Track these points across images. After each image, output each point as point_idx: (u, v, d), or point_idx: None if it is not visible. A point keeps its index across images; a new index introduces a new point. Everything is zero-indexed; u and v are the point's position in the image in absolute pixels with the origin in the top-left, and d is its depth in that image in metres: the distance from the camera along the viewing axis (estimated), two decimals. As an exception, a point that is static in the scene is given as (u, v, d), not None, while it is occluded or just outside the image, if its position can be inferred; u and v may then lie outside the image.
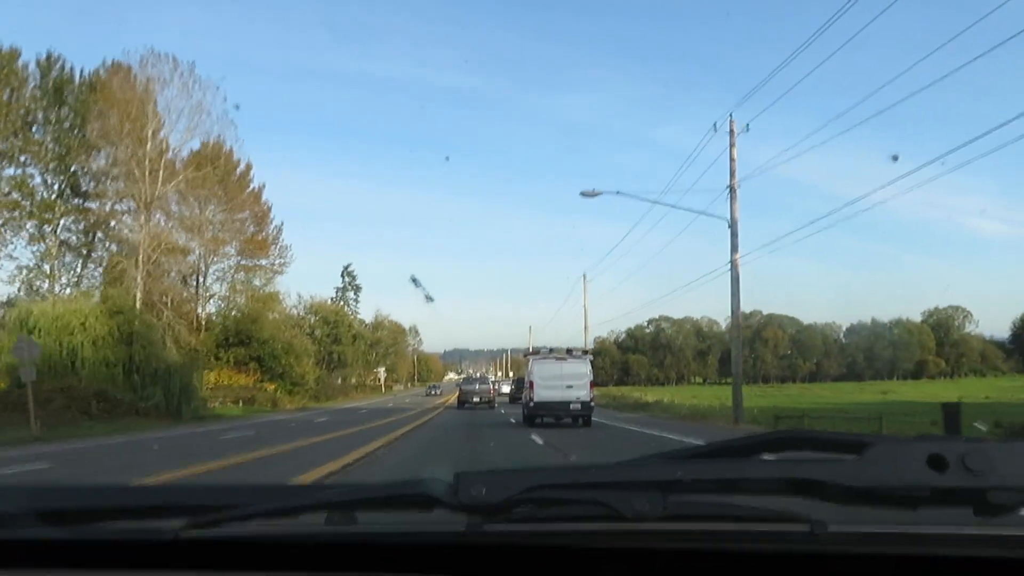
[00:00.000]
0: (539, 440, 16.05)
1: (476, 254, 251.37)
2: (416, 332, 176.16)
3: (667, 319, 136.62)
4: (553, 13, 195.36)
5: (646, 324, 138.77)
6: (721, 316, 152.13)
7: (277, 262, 66.87)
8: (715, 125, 23.62)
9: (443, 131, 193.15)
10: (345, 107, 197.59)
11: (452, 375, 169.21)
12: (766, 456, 1.08)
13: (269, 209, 67.64)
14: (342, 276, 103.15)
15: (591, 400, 21.36)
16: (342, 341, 74.08)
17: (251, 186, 65.49)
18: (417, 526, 1.15)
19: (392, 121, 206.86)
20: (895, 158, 26.50)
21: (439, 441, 17.18)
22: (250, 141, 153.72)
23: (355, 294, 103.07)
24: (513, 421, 23.88)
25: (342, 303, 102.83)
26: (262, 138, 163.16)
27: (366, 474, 10.23)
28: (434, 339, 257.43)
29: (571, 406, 20.84)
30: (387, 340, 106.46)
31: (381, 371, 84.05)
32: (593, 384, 21.75)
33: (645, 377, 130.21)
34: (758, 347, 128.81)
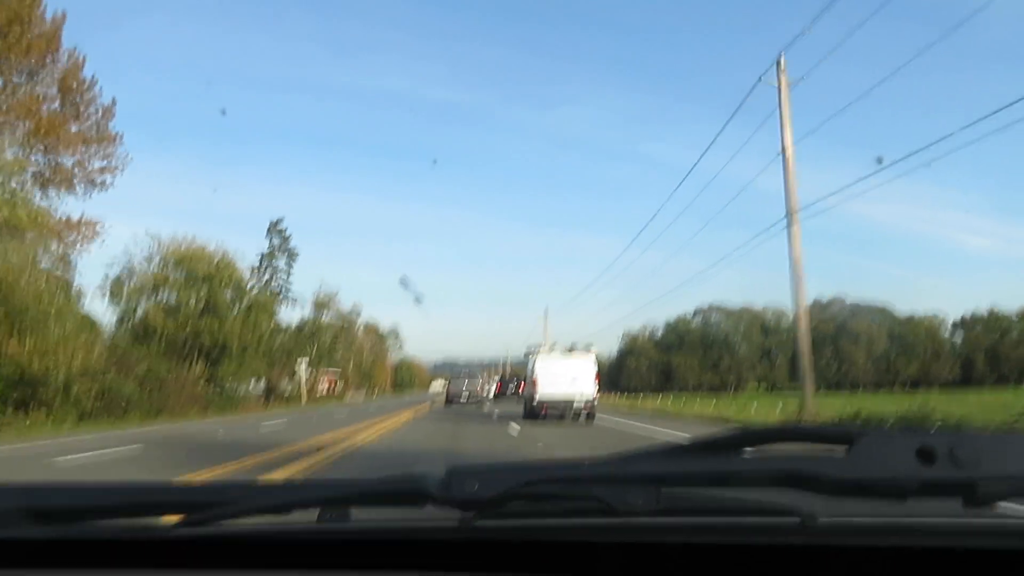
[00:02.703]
0: None
1: (468, 265, 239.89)
2: (397, 335, 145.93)
3: (718, 308, 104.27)
4: (543, 28, 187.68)
5: (691, 315, 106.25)
6: (789, 304, 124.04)
7: (95, 166, 34.99)
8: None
9: (433, 143, 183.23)
10: (335, 118, 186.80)
11: (441, 382, 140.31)
12: (757, 449, 1.06)
13: (80, 67, 35.74)
14: (268, 235, 71.20)
15: (595, 397, 21.42)
16: (219, 312, 41.58)
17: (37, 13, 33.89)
18: (410, 522, 1.17)
19: (382, 132, 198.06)
20: (879, 160, 17.65)
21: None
22: (240, 150, 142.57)
23: (288, 262, 70.82)
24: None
25: (266, 273, 70.89)
26: (252, 148, 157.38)
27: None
28: (426, 351, 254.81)
29: (575, 403, 20.89)
30: (336, 329, 73.84)
31: (301, 365, 51.28)
32: (597, 379, 21.73)
33: (694, 383, 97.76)
34: (844, 344, 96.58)
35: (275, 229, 70.49)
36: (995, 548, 1.07)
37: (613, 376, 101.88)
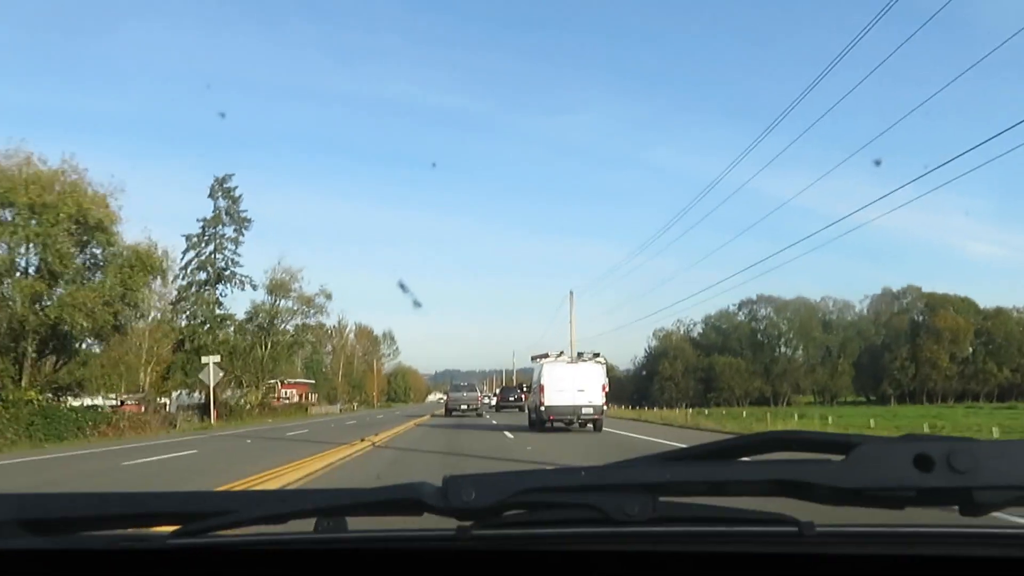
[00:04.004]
0: None
1: (469, 274, 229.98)
2: (392, 340, 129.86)
3: (768, 299, 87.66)
4: (545, 35, 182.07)
5: (735, 308, 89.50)
6: (857, 293, 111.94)
7: None
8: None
9: (434, 150, 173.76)
10: (334, 124, 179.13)
11: (439, 395, 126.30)
12: (754, 457, 1.07)
13: None
14: (212, 195, 55.08)
15: (603, 406, 20.78)
16: (54, 270, 25.13)
17: None
18: (407, 532, 1.17)
19: (382, 139, 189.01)
20: (877, 163, 11.23)
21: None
22: (240, 157, 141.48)
23: (238, 231, 54.52)
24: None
25: (208, 245, 54.70)
26: (253, 155, 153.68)
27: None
28: (425, 361, 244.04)
29: (583, 411, 20.29)
30: (311, 323, 57.29)
31: (209, 365, 34.37)
32: (605, 388, 21.04)
33: (742, 394, 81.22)
34: (923, 343, 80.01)
35: (221, 188, 54.19)
36: (992, 557, 1.08)
37: (640, 386, 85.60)
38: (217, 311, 52.97)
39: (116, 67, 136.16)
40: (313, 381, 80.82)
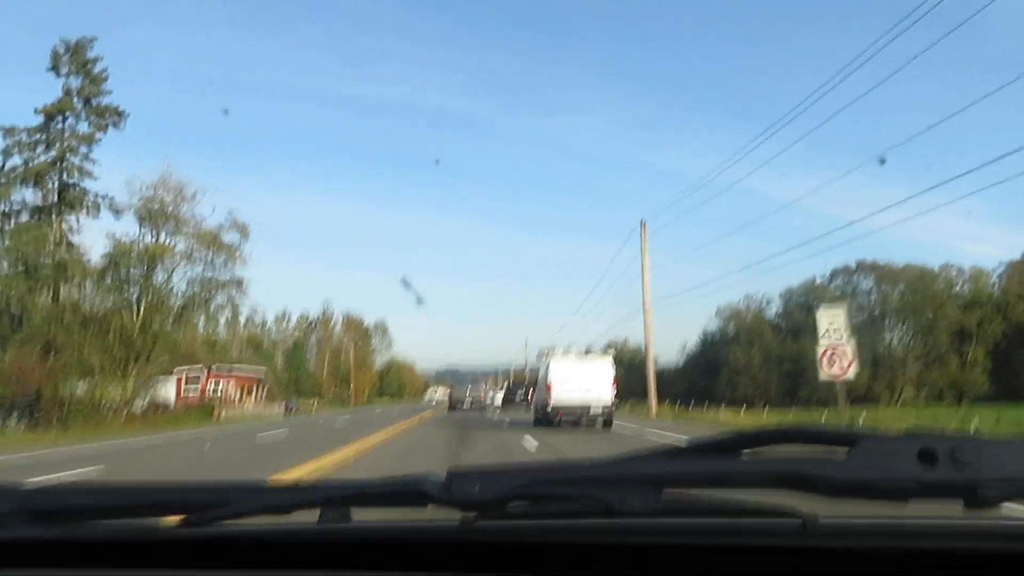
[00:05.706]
0: None
1: (472, 274, 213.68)
2: (384, 331, 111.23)
3: (872, 266, 66.11)
4: (549, 36, 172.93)
5: (824, 279, 68.15)
6: (990, 258, 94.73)
7: None
8: None
9: (438, 151, 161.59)
10: (338, 125, 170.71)
11: (438, 390, 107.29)
12: (758, 450, 1.06)
13: None
14: (55, 67, 33.67)
15: (612, 403, 20.86)
16: None
17: None
18: (411, 523, 1.18)
19: (385, 140, 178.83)
20: (882, 161, 14.51)
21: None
22: (242, 159, 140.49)
23: (95, 125, 33.58)
24: None
25: (51, 147, 33.85)
26: (255, 156, 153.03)
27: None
28: (427, 359, 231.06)
29: (592, 409, 20.29)
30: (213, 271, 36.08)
31: None
32: (615, 384, 21.10)
33: (843, 390, 60.20)
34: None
35: (73, 59, 33.04)
36: (996, 550, 1.08)
37: (696, 381, 65.14)
38: (60, 255, 32.28)
39: (115, 67, 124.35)
40: (264, 370, 59.92)
